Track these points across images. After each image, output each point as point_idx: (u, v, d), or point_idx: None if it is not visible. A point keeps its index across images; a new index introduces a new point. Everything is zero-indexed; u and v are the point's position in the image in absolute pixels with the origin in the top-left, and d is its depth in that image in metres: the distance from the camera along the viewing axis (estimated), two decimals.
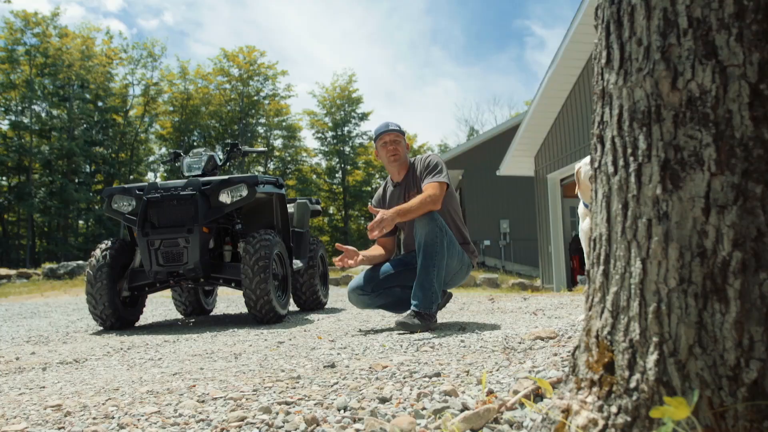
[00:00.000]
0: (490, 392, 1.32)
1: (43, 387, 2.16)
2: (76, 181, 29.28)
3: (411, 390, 1.62)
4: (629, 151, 0.96)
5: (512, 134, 14.14)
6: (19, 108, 28.40)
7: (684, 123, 0.90)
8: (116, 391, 1.92)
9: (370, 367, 2.02)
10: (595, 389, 0.96)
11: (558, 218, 12.02)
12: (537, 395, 1.21)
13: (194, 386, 1.89)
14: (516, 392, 1.22)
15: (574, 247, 12.33)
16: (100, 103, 30.61)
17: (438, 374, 1.80)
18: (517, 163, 13.18)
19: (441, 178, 3.38)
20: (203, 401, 1.67)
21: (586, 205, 3.12)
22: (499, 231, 20.18)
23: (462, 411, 1.24)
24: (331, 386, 1.77)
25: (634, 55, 0.96)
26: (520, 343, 2.38)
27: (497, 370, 1.78)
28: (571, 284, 11.57)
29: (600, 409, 0.93)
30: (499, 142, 17.88)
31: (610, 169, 0.99)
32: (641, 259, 0.93)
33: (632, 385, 0.91)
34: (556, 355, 1.92)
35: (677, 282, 0.89)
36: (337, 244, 3.51)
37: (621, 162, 0.97)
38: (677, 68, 0.91)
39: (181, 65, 33.51)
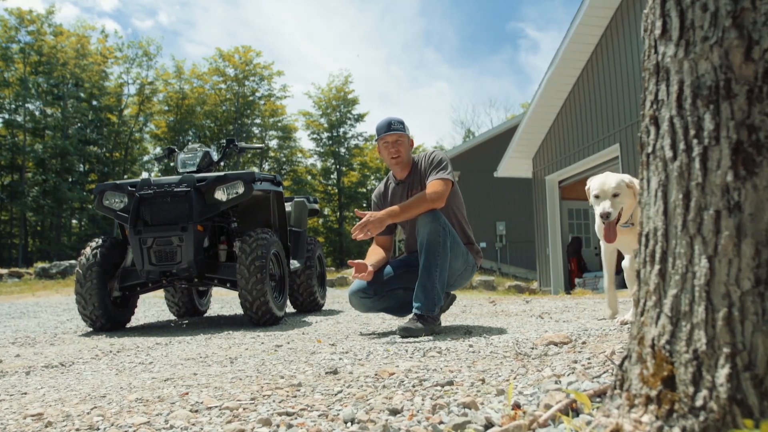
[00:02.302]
0: (517, 405, 1.19)
1: (25, 393, 2.02)
2: (70, 180, 29.01)
3: (423, 400, 1.49)
4: (692, 132, 0.83)
5: (508, 136, 14.03)
6: (13, 106, 28.15)
7: (760, 99, 0.77)
8: (103, 399, 1.79)
9: (375, 374, 1.90)
10: (651, 407, 0.83)
11: (556, 220, 11.89)
12: (572, 409, 1.08)
13: (187, 394, 1.76)
14: (548, 406, 1.09)
15: (572, 250, 12.22)
16: (94, 102, 30.36)
17: (450, 383, 1.68)
18: (515, 164, 13.05)
19: (445, 175, 3.25)
20: (197, 411, 1.54)
21: None
22: (495, 233, 20.09)
23: (486, 427, 1.11)
24: (335, 395, 1.65)
25: (698, 22, 0.83)
26: (532, 348, 2.25)
27: (515, 379, 1.66)
28: (569, 287, 11.45)
29: (659, 431, 0.80)
30: (495, 144, 17.78)
31: (668, 153, 0.86)
32: (708, 257, 0.80)
33: (698, 403, 0.78)
34: (576, 362, 1.79)
35: (752, 284, 0.76)
36: (349, 261, 3.32)
37: (682, 145, 0.84)
38: (752, 36, 0.78)
39: (176, 65, 33.25)
